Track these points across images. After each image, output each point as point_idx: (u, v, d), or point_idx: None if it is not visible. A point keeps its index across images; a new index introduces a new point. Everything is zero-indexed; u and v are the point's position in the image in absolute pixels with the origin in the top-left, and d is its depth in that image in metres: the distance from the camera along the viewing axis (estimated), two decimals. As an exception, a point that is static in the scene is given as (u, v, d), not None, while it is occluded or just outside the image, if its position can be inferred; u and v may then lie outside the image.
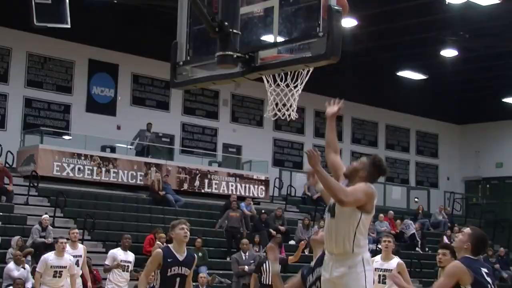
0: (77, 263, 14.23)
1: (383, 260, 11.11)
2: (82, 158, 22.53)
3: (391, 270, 10.62)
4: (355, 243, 6.29)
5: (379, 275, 10.91)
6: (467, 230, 6.77)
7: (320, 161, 6.27)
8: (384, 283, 10.83)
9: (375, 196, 6.40)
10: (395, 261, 11.04)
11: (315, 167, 6.26)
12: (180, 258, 8.36)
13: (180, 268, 8.31)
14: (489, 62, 29.02)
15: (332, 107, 7.20)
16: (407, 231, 26.27)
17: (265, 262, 15.09)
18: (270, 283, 15.04)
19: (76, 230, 14.93)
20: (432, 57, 28.63)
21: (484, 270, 6.52)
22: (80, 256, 14.38)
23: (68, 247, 14.08)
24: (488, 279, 6.49)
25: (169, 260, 8.26)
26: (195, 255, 8.99)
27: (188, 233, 8.49)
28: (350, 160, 31.42)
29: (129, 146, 24.94)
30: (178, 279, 8.30)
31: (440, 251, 9.08)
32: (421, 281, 22.83)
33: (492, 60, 28.73)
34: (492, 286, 6.52)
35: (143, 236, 19.41)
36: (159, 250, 8.48)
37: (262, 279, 15.11)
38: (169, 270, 8.24)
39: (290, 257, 16.09)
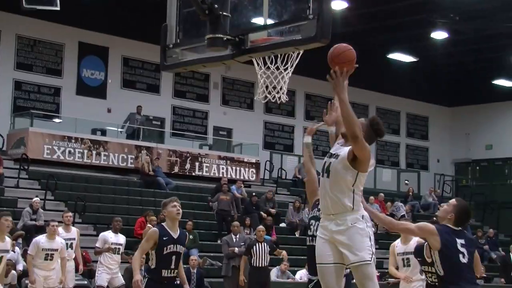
0: (70, 246, 14.28)
1: (403, 243, 10.89)
2: (73, 141, 22.51)
3: (413, 252, 10.42)
4: (355, 201, 6.17)
5: (402, 259, 10.80)
6: (452, 201, 6.78)
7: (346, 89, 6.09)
8: (409, 265, 10.74)
9: (371, 157, 6.30)
10: (414, 239, 10.69)
11: (340, 94, 6.15)
12: (175, 236, 8.33)
13: (175, 246, 8.28)
14: (479, 44, 29.05)
15: (330, 116, 6.90)
16: (397, 213, 26.33)
17: (255, 245, 15.17)
18: (260, 265, 15.14)
19: (70, 214, 14.96)
20: (422, 39, 28.65)
21: (460, 241, 6.45)
22: (74, 239, 14.42)
23: (61, 230, 14.10)
24: (463, 249, 6.43)
25: (164, 238, 8.21)
26: (187, 232, 9.00)
27: (180, 210, 8.47)
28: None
29: (119, 129, 24.90)
30: (174, 257, 8.26)
31: None
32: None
33: (482, 42, 28.76)
34: (467, 257, 6.44)
35: (134, 219, 19.44)
36: (155, 228, 8.42)
37: (252, 261, 15.18)
38: (165, 248, 8.19)
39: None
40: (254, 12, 6.75)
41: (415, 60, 31.00)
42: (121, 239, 14.58)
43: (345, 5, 23.83)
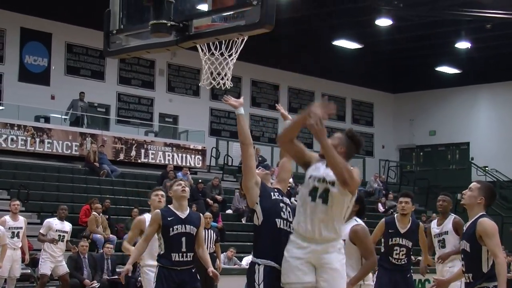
0: (17, 235, 14.11)
1: (438, 225, 10.59)
2: (15, 128, 22.17)
3: (448, 231, 10.28)
4: (341, 228, 6.11)
5: (438, 241, 10.51)
6: (474, 185, 6.69)
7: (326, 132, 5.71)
8: (444, 246, 10.43)
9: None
10: (450, 219, 10.38)
11: (321, 138, 5.72)
12: (182, 215, 7.79)
13: (183, 226, 7.73)
14: (423, 31, 29.37)
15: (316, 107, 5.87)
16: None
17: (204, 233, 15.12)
18: (209, 251, 15.13)
19: (17, 202, 14.74)
20: (367, 26, 28.86)
21: None
22: (21, 228, 14.27)
23: (8, 219, 13.95)
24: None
25: (169, 219, 7.69)
26: (200, 214, 8.35)
27: (187, 188, 7.91)
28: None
29: (63, 116, 24.62)
30: (184, 239, 7.71)
31: (402, 199, 9.41)
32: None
33: (426, 29, 29.08)
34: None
35: (78, 206, 19.26)
36: (157, 210, 7.94)
37: None
38: (171, 229, 7.67)
39: None
40: (198, -2, 6.72)
41: (360, 46, 31.22)
42: (67, 226, 14.49)
43: (290, -9, 23.87)
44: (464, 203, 6.78)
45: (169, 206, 7.99)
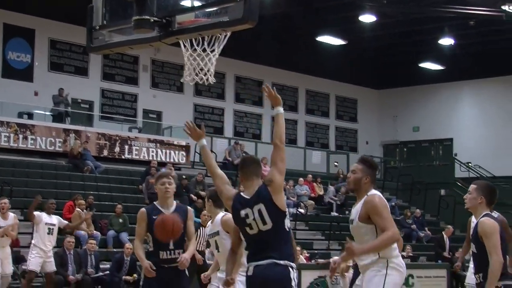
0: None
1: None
2: (-2, 124, 22.10)
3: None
4: None
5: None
6: (471, 187, 6.75)
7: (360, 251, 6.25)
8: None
9: None
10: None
11: (359, 253, 6.24)
12: (167, 212, 7.69)
13: None
14: (406, 28, 29.45)
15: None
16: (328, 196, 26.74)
17: (199, 229, 15.14)
18: (199, 249, 15.17)
19: (5, 200, 14.69)
20: (351, 22, 28.89)
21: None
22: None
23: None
24: None
25: (154, 217, 7.59)
26: (188, 207, 8.23)
27: (170, 187, 7.77)
28: (270, 126, 31.68)
29: (47, 113, 24.54)
30: None
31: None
32: (341, 243, 23.25)
33: (409, 26, 29.15)
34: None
35: (62, 203, 19.18)
36: (142, 209, 7.88)
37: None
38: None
39: None
40: (181, -6, 6.73)
41: (344, 43, 31.28)
42: (55, 219, 14.66)
43: (274, -13, 23.87)
44: (467, 207, 6.83)
45: (154, 203, 7.94)
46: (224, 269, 7.24)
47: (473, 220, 10.38)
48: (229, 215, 7.76)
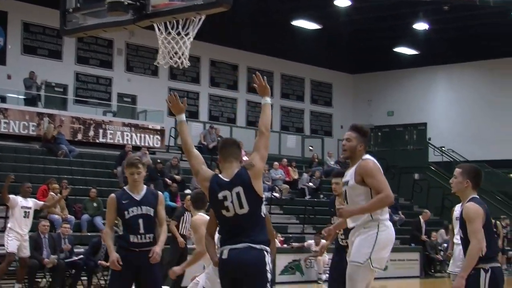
0: None
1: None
2: (-29, 108, 21.92)
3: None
4: None
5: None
6: (456, 170, 6.69)
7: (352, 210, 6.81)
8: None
9: None
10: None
11: (352, 213, 6.79)
12: (137, 197, 7.67)
13: (139, 208, 7.62)
14: (381, 12, 29.49)
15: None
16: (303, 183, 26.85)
17: (185, 213, 15.19)
18: (184, 233, 15.22)
19: None
20: (326, 6, 28.87)
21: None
22: None
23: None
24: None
25: (124, 202, 7.60)
26: (158, 192, 8.08)
27: (138, 176, 7.69)
28: (245, 110, 31.66)
29: (20, 96, 24.35)
30: (141, 221, 7.59)
31: (334, 180, 9.21)
32: (315, 227, 23.37)
33: (384, 10, 29.21)
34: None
35: (36, 187, 19.07)
36: (112, 194, 7.81)
37: (178, 229, 15.23)
38: (126, 212, 7.58)
39: None
40: (155, -23, 6.69)
41: (319, 27, 31.30)
42: (31, 202, 14.71)
43: (249, -29, 23.80)
44: (454, 191, 6.77)
45: (124, 188, 7.90)
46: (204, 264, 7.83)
47: (456, 209, 10.46)
48: (199, 218, 7.87)
